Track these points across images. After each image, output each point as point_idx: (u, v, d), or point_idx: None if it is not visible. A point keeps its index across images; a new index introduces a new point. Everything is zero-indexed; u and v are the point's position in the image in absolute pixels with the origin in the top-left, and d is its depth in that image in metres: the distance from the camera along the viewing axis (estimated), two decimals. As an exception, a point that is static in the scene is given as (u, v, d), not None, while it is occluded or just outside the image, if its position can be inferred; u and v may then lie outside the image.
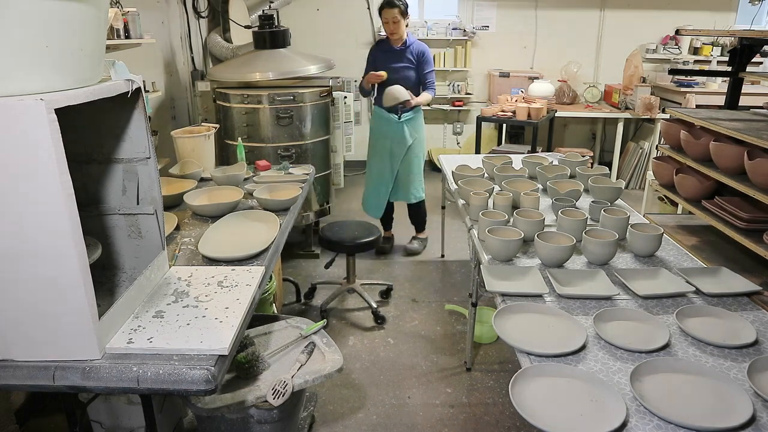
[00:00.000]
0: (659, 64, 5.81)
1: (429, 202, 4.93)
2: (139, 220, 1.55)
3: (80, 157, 1.50)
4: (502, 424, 2.31)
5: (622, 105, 5.31)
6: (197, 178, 2.49)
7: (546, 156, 3.04)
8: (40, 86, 1.06)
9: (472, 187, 2.40)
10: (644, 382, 1.22)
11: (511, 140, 5.52)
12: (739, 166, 2.32)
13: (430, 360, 2.75)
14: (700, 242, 2.70)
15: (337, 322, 3.10)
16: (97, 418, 1.87)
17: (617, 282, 1.69)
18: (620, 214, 2.00)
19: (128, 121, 1.43)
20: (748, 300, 1.61)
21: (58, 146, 1.03)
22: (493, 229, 1.91)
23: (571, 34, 5.77)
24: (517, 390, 1.21)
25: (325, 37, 5.73)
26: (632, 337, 1.39)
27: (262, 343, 1.97)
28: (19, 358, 1.18)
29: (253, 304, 1.50)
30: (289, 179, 2.55)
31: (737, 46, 3.06)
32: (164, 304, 1.42)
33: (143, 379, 1.17)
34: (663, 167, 2.90)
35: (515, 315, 1.51)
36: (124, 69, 1.31)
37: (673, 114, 2.96)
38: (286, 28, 3.75)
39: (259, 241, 1.85)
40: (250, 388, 1.74)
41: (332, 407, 2.41)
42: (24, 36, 1.01)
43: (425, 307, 3.26)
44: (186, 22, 4.29)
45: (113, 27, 2.76)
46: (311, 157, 3.63)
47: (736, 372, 1.26)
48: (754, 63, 4.29)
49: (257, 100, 3.45)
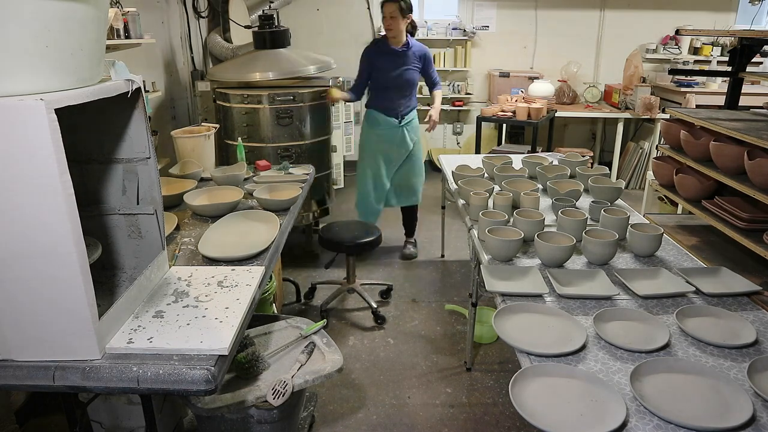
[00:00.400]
0: (659, 64, 5.81)
1: (429, 202, 4.94)
2: (139, 220, 1.55)
3: (80, 157, 1.50)
4: (502, 424, 2.31)
5: (622, 105, 5.31)
6: (197, 178, 2.49)
7: (546, 156, 3.04)
8: (40, 86, 1.06)
9: (472, 187, 2.40)
10: (644, 382, 1.22)
11: (511, 140, 5.52)
12: (739, 166, 2.32)
13: (430, 360, 2.75)
14: (700, 242, 2.70)
15: (337, 322, 3.10)
16: (97, 418, 1.87)
17: (617, 282, 1.69)
18: (620, 214, 2.00)
19: (128, 121, 1.43)
20: (748, 300, 1.61)
21: (58, 146, 1.03)
22: (493, 229, 1.91)
23: (571, 34, 5.77)
24: (517, 390, 1.21)
25: (325, 37, 5.73)
26: (632, 337, 1.39)
27: (262, 343, 1.97)
28: (19, 358, 1.18)
29: (253, 304, 1.50)
30: (289, 179, 2.55)
31: (737, 46, 3.06)
32: (164, 304, 1.42)
33: (143, 379, 1.17)
34: (663, 167, 2.90)
35: (515, 315, 1.51)
36: (124, 69, 1.31)
37: (673, 114, 2.96)
38: (286, 28, 3.75)
39: (259, 241, 1.85)
40: (250, 388, 1.74)
41: (332, 407, 2.41)
42: (24, 36, 1.01)
43: (425, 307, 3.26)
44: (186, 22, 4.29)
45: (113, 27, 2.77)
46: (311, 157, 3.63)
47: (736, 372, 1.26)
48: (754, 63, 4.29)
49: (257, 100, 3.45)
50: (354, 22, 5.73)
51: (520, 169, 2.71)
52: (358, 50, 5.95)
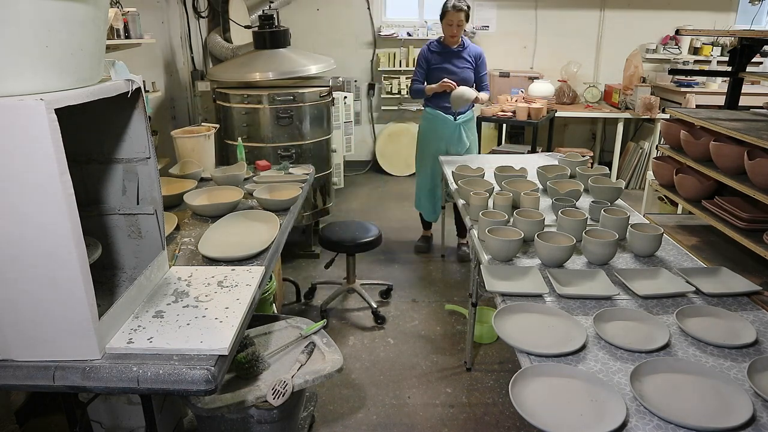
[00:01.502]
0: (659, 64, 5.81)
1: (429, 202, 4.94)
2: (139, 220, 1.55)
3: (80, 157, 1.50)
4: (502, 424, 2.31)
5: (622, 105, 5.31)
6: (197, 178, 2.49)
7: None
8: (40, 86, 1.06)
9: (472, 187, 2.40)
10: (644, 382, 1.22)
11: (511, 140, 5.52)
12: (739, 166, 2.32)
13: (430, 360, 2.75)
14: (700, 242, 2.70)
15: (337, 322, 3.10)
16: (97, 418, 1.87)
17: (617, 282, 1.69)
18: (620, 214, 2.00)
19: (128, 121, 1.43)
20: (748, 300, 1.61)
21: (58, 146, 1.03)
22: (493, 229, 1.91)
23: (571, 34, 5.76)
24: (517, 390, 1.21)
25: (325, 37, 5.72)
26: (632, 337, 1.39)
27: (262, 343, 1.97)
28: (19, 358, 1.18)
29: (253, 304, 1.50)
30: (289, 179, 2.55)
31: (737, 46, 3.06)
32: (164, 304, 1.42)
33: (143, 379, 1.17)
34: (663, 167, 2.90)
35: (515, 315, 1.51)
36: (124, 69, 1.31)
37: (673, 114, 2.96)
38: (286, 28, 3.75)
39: (259, 241, 1.85)
40: (250, 388, 1.74)
41: (332, 407, 2.41)
42: (24, 36, 1.01)
43: (425, 307, 3.26)
44: (186, 22, 4.29)
45: (113, 27, 2.76)
46: (311, 157, 3.63)
47: (736, 372, 1.26)
48: (754, 63, 4.29)
49: (257, 100, 3.45)
50: (354, 22, 5.73)
51: (521, 169, 2.71)
52: (358, 50, 5.95)
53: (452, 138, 3.64)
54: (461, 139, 3.65)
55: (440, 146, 3.66)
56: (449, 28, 3.45)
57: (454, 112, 3.55)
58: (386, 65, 5.73)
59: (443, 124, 3.62)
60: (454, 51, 3.53)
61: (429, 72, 3.57)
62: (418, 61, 3.62)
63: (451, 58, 3.53)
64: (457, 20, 3.41)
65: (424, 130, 3.75)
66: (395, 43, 5.74)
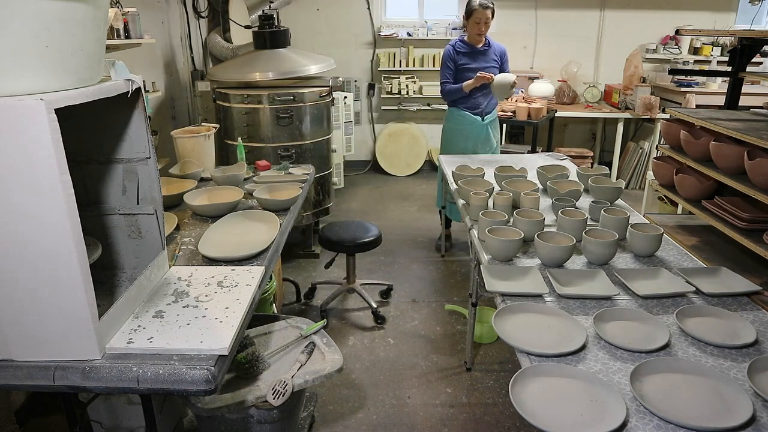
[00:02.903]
0: (659, 64, 5.81)
1: (429, 202, 4.95)
2: (139, 220, 1.55)
3: (80, 157, 1.50)
4: (502, 424, 2.31)
5: (622, 105, 5.31)
6: (197, 178, 2.49)
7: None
8: (40, 86, 1.06)
9: (472, 187, 2.40)
10: (644, 382, 1.22)
11: (511, 140, 5.52)
12: (739, 166, 2.32)
13: (430, 360, 2.75)
14: (700, 242, 2.70)
15: (337, 322, 3.10)
16: (97, 418, 1.87)
17: (617, 282, 1.69)
18: (620, 214, 2.00)
19: (128, 121, 1.43)
20: (748, 300, 1.61)
21: (58, 146, 1.03)
22: (493, 229, 1.91)
23: (571, 34, 5.76)
24: (517, 390, 1.21)
25: (325, 37, 5.73)
26: (632, 337, 1.39)
27: (262, 343, 1.97)
28: (19, 358, 1.18)
29: (253, 304, 1.50)
30: (289, 179, 2.55)
31: (737, 46, 3.06)
32: (164, 304, 1.42)
33: (143, 379, 1.17)
34: (663, 167, 2.90)
35: (515, 315, 1.51)
36: (124, 69, 1.31)
37: (673, 114, 2.96)
38: (286, 28, 3.75)
39: (259, 241, 1.85)
40: (250, 388, 1.74)
41: (332, 407, 2.41)
42: (24, 36, 1.01)
43: (425, 307, 3.26)
44: (186, 22, 4.29)
45: (113, 27, 2.77)
46: (311, 157, 3.63)
47: (736, 372, 1.26)
48: (754, 63, 4.29)
49: (257, 100, 3.45)
50: (354, 22, 5.73)
51: (520, 169, 2.71)
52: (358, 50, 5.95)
53: (480, 138, 3.66)
54: (489, 138, 3.67)
55: (467, 146, 3.67)
56: (476, 26, 3.45)
57: (481, 112, 3.55)
58: (386, 65, 5.72)
59: (471, 124, 3.63)
60: (480, 50, 3.54)
61: (457, 73, 3.56)
62: (444, 62, 3.58)
63: (479, 58, 3.54)
64: (484, 18, 3.42)
65: (450, 130, 3.74)
66: (395, 43, 5.74)
